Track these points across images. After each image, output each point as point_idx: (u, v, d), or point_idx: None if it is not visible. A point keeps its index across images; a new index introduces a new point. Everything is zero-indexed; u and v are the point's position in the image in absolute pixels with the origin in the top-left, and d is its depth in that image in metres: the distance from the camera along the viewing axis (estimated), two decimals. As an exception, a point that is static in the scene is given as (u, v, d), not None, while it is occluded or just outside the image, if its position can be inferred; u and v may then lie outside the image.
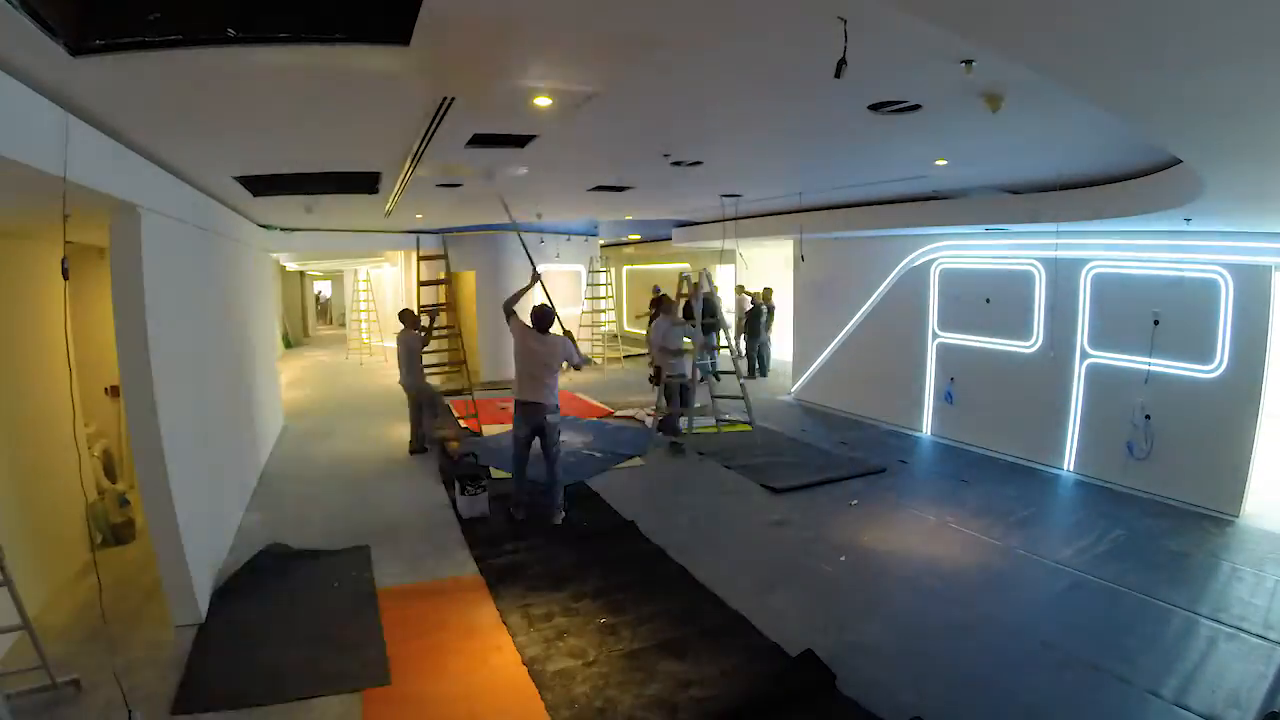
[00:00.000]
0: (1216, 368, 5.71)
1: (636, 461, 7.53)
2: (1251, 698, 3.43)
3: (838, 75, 2.36)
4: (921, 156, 4.83)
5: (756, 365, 12.80)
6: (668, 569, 4.91)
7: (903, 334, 8.71)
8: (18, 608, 3.28)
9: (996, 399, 7.65)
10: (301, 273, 21.19)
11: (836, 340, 9.89)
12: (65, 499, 4.47)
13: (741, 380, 8.13)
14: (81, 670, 3.54)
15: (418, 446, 7.90)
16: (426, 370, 8.08)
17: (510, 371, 12.54)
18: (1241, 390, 5.57)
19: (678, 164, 5.08)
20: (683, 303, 8.60)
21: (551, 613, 4.29)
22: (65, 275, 3.04)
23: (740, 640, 4.00)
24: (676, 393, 8.01)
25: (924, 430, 8.54)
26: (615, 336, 18.33)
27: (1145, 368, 6.13)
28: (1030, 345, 7.19)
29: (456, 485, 5.94)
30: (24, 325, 4.51)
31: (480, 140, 4.09)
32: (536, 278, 6.25)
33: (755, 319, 12.74)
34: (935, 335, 8.34)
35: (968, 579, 4.72)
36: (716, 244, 13.07)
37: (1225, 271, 5.65)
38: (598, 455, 7.71)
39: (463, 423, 8.80)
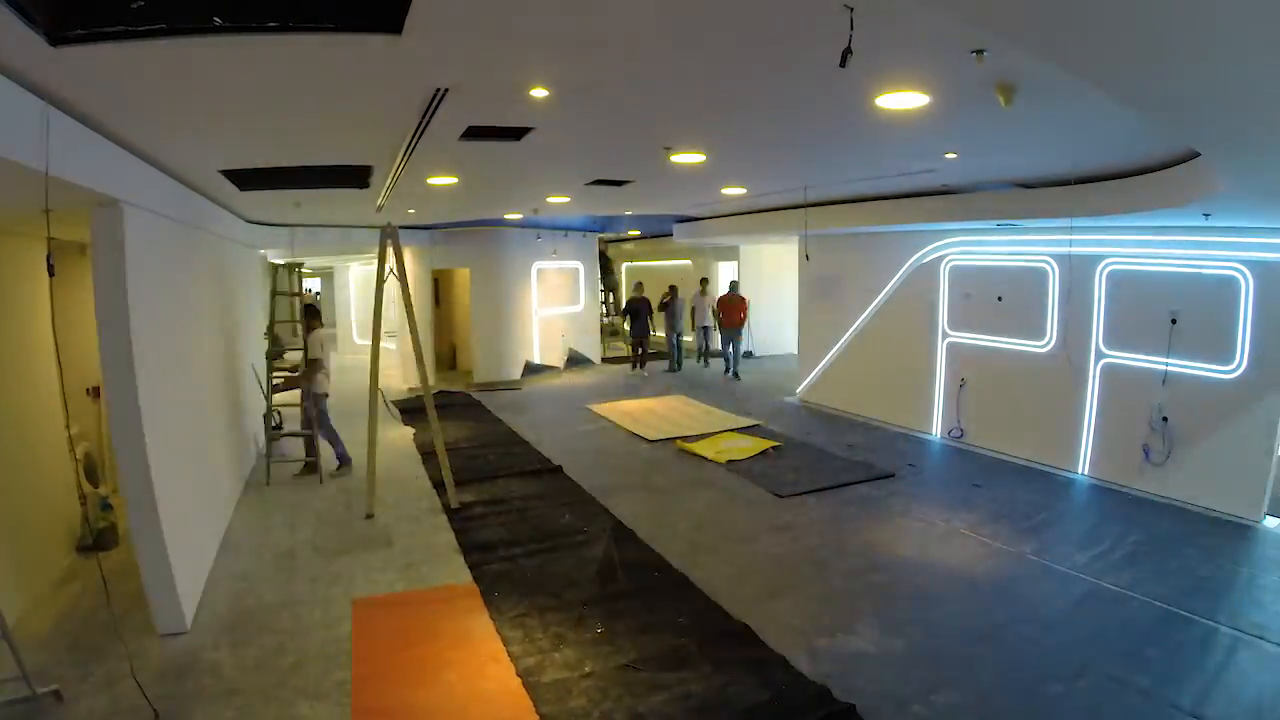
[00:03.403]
0: (1236, 368, 5.55)
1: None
2: (1273, 709, 3.32)
3: (843, 65, 2.26)
4: (930, 150, 4.70)
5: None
6: (668, 577, 4.78)
7: (911, 333, 8.57)
8: (-5, 616, 3.17)
9: (1008, 400, 7.50)
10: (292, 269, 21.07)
11: (843, 340, 9.74)
12: (45, 503, 4.39)
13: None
14: (62, 680, 3.46)
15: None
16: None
17: (509, 372, 12.47)
18: (1262, 391, 5.41)
19: (679, 157, 4.96)
20: None
21: (548, 622, 4.17)
22: (51, 272, 2.95)
23: (743, 650, 3.86)
24: None
25: (933, 432, 8.39)
26: (615, 333, 18.24)
27: (1163, 368, 5.98)
28: (1043, 345, 7.04)
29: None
30: (2, 324, 4.41)
31: (475, 133, 3.98)
32: None
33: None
34: (945, 334, 8.18)
35: (979, 586, 4.58)
36: (719, 240, 12.99)
37: (1245, 269, 5.49)
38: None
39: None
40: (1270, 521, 5.45)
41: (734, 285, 13.11)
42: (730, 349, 12.50)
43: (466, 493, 6.45)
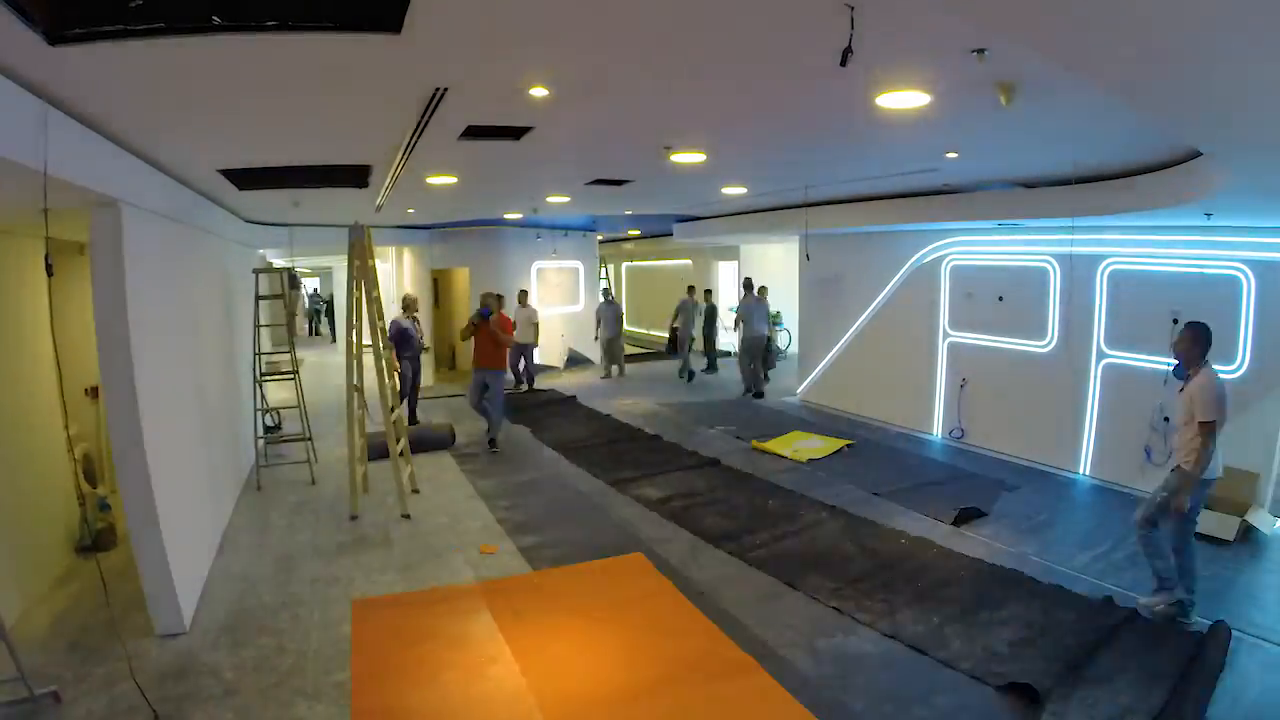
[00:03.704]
0: (1238, 368, 5.53)
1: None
2: (1275, 711, 3.31)
3: (843, 64, 2.25)
4: (931, 149, 4.69)
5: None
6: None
7: (912, 333, 8.56)
8: (-8, 618, 3.16)
9: (1009, 400, 7.48)
10: (289, 269, 21.11)
11: (843, 340, 9.73)
12: (44, 504, 4.36)
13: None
14: (61, 681, 3.44)
15: None
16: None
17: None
18: (1264, 391, 5.39)
19: (679, 157, 4.95)
20: None
21: (862, 590, 4.38)
22: (49, 272, 2.92)
23: (1024, 589, 4.35)
24: None
25: (934, 432, 8.38)
26: None
27: (1164, 368, 5.95)
28: (1044, 345, 7.03)
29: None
30: (0, 324, 4.39)
31: (474, 132, 3.97)
32: None
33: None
34: (946, 335, 8.17)
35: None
36: (719, 240, 12.97)
37: (1246, 268, 5.48)
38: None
39: None
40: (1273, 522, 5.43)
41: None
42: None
43: (647, 487, 6.60)
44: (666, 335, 17.04)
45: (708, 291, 13.74)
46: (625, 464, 7.33)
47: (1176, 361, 4.11)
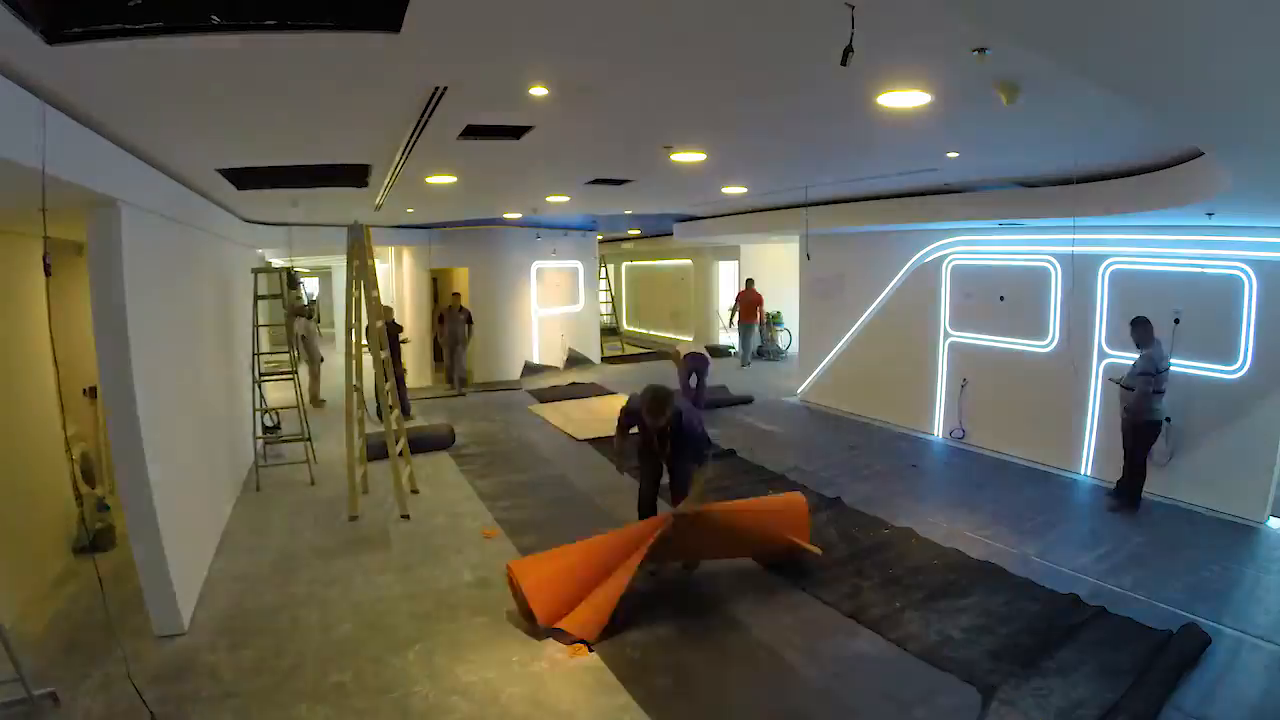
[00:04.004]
0: (1240, 368, 5.53)
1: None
2: (1276, 711, 3.30)
3: (844, 64, 2.24)
4: (932, 149, 4.68)
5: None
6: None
7: (913, 333, 8.55)
8: (-10, 619, 3.15)
9: (1010, 400, 7.47)
10: (288, 269, 21.08)
11: (844, 340, 9.72)
12: (42, 504, 4.35)
13: None
14: (59, 683, 3.43)
15: None
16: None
17: (508, 372, 12.39)
18: (1266, 391, 5.38)
19: (679, 156, 4.93)
20: None
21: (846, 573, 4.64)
22: (47, 271, 2.91)
23: (995, 579, 4.53)
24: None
25: (935, 433, 8.36)
26: (615, 331, 18.16)
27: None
28: (1046, 345, 7.01)
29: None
30: (-4, 324, 4.38)
31: (474, 131, 3.96)
32: None
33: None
34: (947, 335, 8.16)
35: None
36: (719, 240, 12.98)
37: (1248, 268, 5.47)
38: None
39: None
40: (1274, 522, 5.43)
41: (749, 282, 13.59)
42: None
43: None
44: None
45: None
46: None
47: None
